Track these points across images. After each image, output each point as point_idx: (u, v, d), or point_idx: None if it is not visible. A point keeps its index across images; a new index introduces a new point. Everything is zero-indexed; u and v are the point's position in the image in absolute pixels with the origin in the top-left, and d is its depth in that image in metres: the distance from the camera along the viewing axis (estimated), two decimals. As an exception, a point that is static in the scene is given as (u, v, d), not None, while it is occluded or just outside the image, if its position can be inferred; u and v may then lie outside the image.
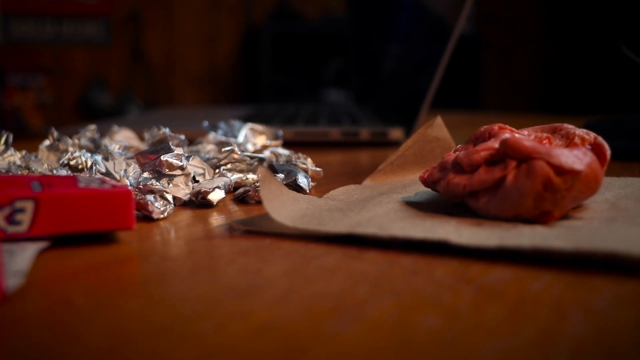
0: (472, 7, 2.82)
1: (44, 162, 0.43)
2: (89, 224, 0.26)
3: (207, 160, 0.41)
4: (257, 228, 0.29)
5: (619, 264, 0.23)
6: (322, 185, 0.41)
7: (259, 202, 0.35)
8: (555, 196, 0.28)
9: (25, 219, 0.25)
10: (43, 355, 0.16)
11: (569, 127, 0.34)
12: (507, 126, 0.33)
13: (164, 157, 0.34)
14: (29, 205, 0.25)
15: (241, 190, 0.36)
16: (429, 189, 0.36)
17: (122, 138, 0.51)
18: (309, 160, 0.41)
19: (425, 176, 0.33)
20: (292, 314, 0.19)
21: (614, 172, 0.45)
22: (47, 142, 0.45)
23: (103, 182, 0.28)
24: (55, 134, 0.45)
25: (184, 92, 2.91)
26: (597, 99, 2.47)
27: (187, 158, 0.36)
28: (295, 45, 2.84)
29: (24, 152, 0.42)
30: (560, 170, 0.28)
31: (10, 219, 0.25)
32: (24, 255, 0.23)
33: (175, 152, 0.35)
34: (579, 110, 2.54)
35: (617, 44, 0.65)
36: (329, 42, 2.78)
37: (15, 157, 0.42)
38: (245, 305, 0.19)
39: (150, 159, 0.35)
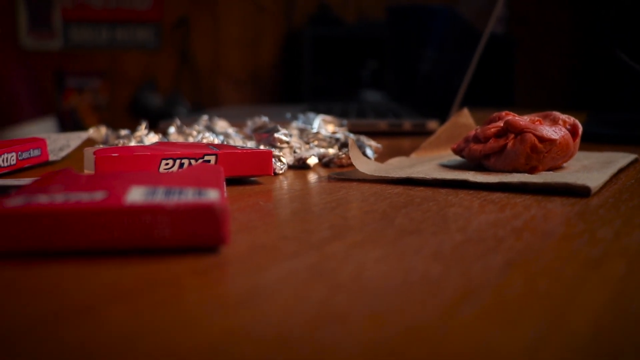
0: (504, 9, 2.94)
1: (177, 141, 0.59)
2: (246, 171, 0.42)
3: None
4: (346, 177, 0.45)
5: (571, 191, 0.38)
6: (379, 159, 0.57)
7: (339, 166, 0.51)
8: (539, 156, 0.43)
9: (210, 167, 0.41)
10: (249, 224, 0.32)
11: (557, 113, 0.49)
12: (511, 112, 0.48)
13: (276, 135, 0.50)
14: (212, 158, 0.41)
15: (326, 159, 0.52)
16: (458, 158, 0.52)
17: (223, 126, 0.68)
18: (371, 140, 0.57)
19: (455, 146, 0.48)
20: (381, 207, 0.35)
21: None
22: (172, 129, 0.61)
23: (250, 147, 0.44)
24: (178, 122, 0.62)
25: (228, 93, 3.08)
26: (626, 97, 2.58)
27: (290, 136, 0.52)
28: (334, 48, 2.98)
29: (160, 135, 0.58)
30: (542, 139, 0.43)
31: (201, 167, 0.41)
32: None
33: (283, 131, 0.51)
34: (608, 108, 2.64)
35: (614, 49, 0.79)
36: (366, 45, 2.92)
37: (155, 138, 0.58)
38: (354, 205, 0.35)
39: (265, 137, 0.51)
